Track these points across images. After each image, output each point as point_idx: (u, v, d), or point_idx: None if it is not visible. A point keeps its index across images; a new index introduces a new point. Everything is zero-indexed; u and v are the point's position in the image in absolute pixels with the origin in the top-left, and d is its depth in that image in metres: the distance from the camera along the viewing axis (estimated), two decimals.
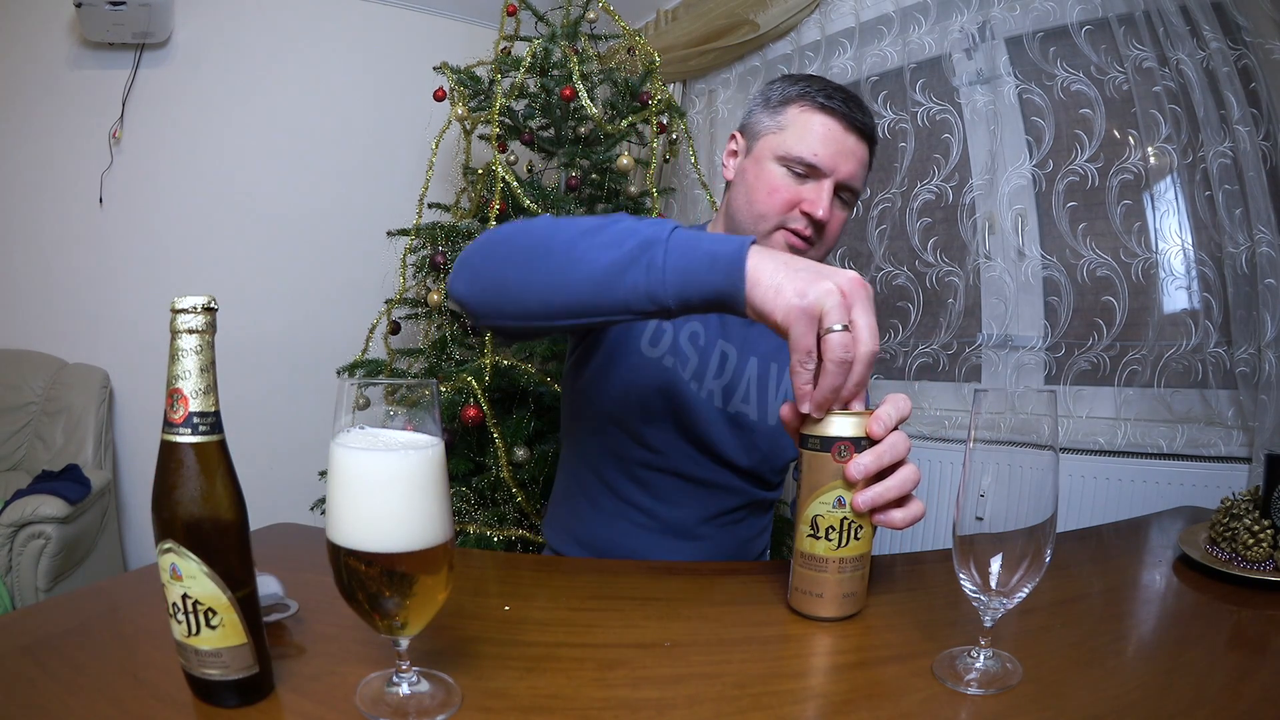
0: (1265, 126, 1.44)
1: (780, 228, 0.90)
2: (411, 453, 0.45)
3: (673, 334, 0.93)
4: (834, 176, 0.88)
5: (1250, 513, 0.81)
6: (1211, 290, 1.56)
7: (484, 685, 0.50)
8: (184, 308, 0.43)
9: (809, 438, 0.62)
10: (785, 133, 0.90)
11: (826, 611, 0.63)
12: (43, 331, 2.43)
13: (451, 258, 1.85)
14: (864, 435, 0.61)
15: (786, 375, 0.97)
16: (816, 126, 0.88)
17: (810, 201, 0.88)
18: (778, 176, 0.90)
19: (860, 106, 0.90)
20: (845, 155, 0.88)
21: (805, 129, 0.89)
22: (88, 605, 0.62)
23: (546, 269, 0.66)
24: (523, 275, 0.67)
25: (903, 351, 2.09)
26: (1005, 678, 0.52)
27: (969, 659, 0.54)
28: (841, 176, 0.89)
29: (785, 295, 0.57)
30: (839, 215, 0.92)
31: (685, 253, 0.61)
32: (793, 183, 0.89)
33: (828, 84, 0.91)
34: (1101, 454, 1.68)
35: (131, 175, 2.48)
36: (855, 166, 0.90)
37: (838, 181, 0.89)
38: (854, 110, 0.89)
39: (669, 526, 0.95)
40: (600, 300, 0.64)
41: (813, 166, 0.88)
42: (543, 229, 0.70)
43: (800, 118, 0.89)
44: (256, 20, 2.59)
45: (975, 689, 0.51)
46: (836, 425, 0.61)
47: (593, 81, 2.03)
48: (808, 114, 0.89)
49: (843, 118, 0.88)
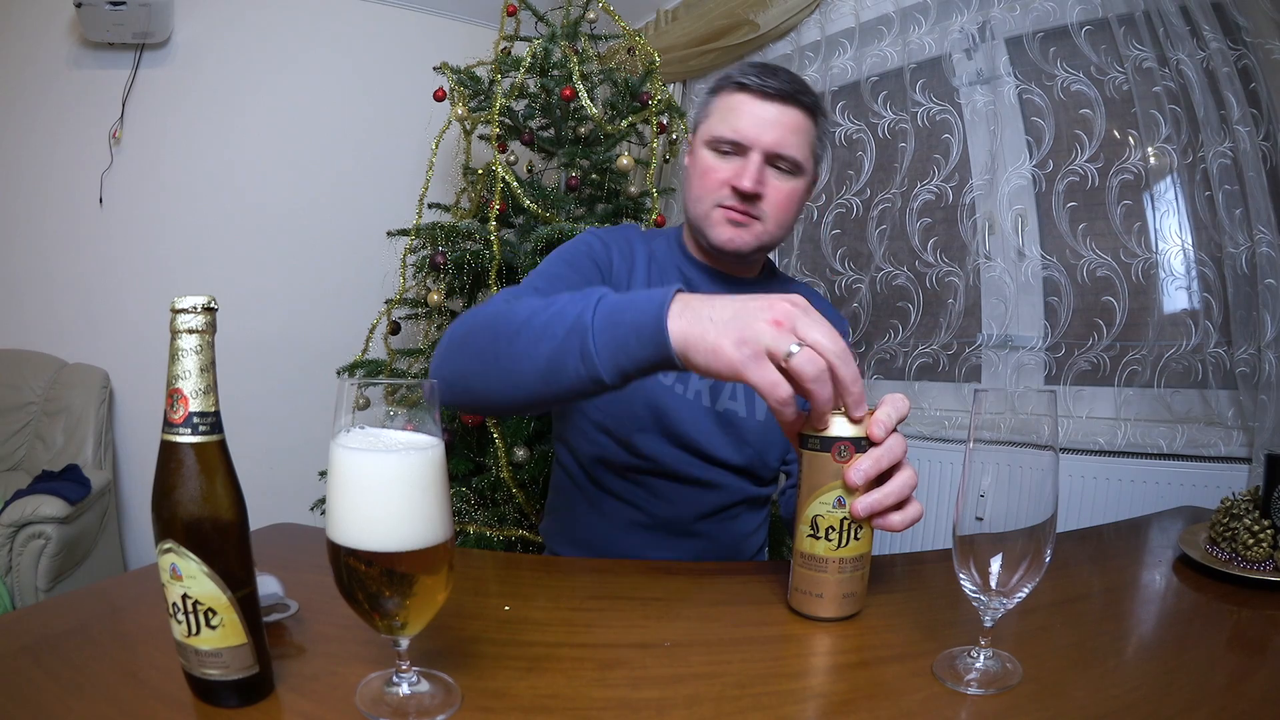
0: (1265, 126, 1.44)
1: (717, 206, 0.91)
2: (411, 453, 0.45)
3: None
4: (759, 148, 0.88)
5: (1250, 513, 0.81)
6: (1211, 290, 1.56)
7: (484, 685, 0.50)
8: (184, 308, 0.42)
9: (809, 438, 0.62)
10: (711, 118, 0.92)
11: (827, 611, 0.63)
12: (43, 331, 2.43)
13: (451, 258, 1.85)
14: (865, 435, 0.61)
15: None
16: (735, 104, 0.90)
17: (736, 174, 0.89)
18: (708, 159, 0.92)
19: (778, 74, 0.89)
20: (766, 125, 0.88)
21: (726, 110, 0.90)
22: (88, 605, 0.62)
23: (499, 371, 0.67)
24: (481, 379, 0.69)
25: (903, 351, 2.09)
26: (1005, 678, 0.52)
27: (969, 659, 0.54)
28: (767, 145, 0.88)
29: (725, 352, 0.55)
30: (779, 186, 0.91)
31: (611, 331, 0.60)
32: (722, 162, 0.91)
33: (749, 64, 0.92)
34: (1101, 454, 1.68)
35: (131, 175, 2.48)
36: (781, 133, 0.89)
37: (768, 152, 0.89)
38: (769, 79, 0.88)
39: (664, 525, 0.95)
40: (553, 391, 0.64)
41: (735, 142, 0.89)
42: (489, 326, 0.69)
43: (722, 102, 0.92)
44: (256, 20, 2.59)
45: (975, 689, 0.51)
46: (837, 425, 0.61)
47: (593, 81, 2.02)
48: (727, 96, 0.91)
49: (757, 90, 0.88)
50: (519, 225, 2.07)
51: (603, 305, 0.62)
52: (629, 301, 0.61)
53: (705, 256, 1.00)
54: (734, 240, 0.92)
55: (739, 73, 0.90)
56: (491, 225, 1.84)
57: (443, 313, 2.05)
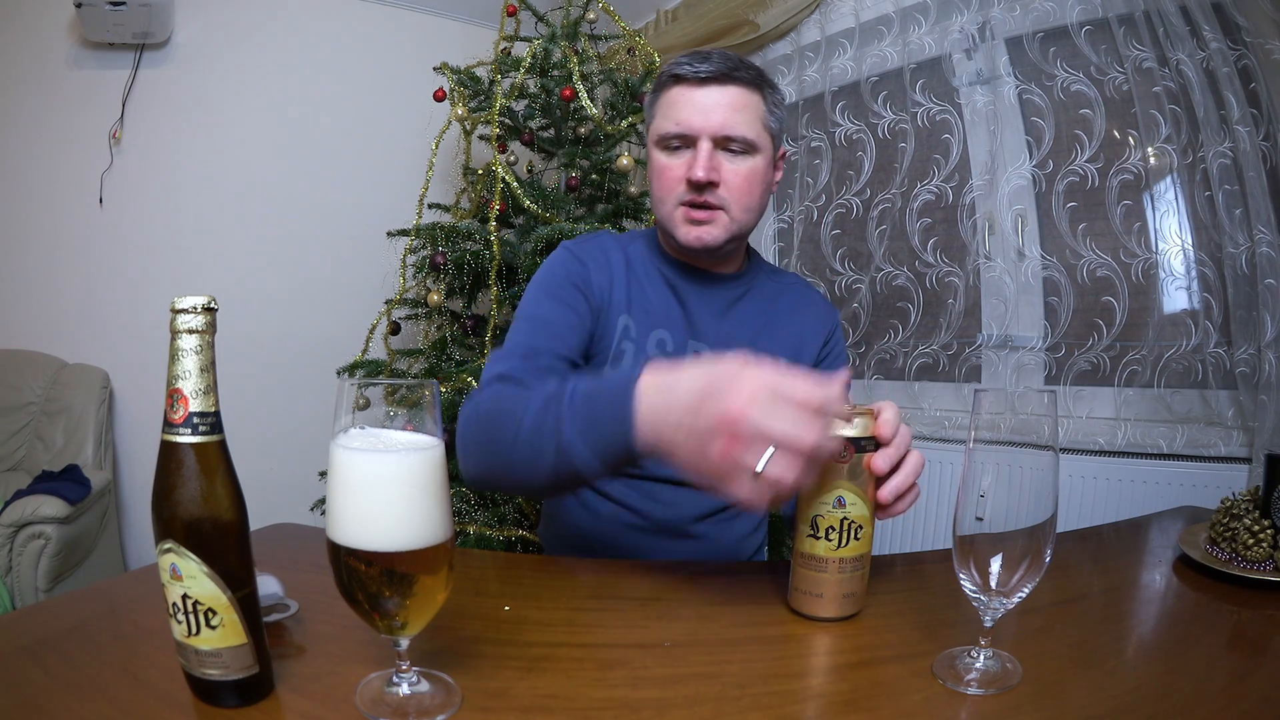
0: (1265, 126, 1.44)
1: (678, 205, 0.90)
2: (411, 453, 0.45)
3: (634, 351, 0.92)
4: (705, 134, 0.86)
5: (1250, 513, 0.81)
6: (1211, 290, 1.56)
7: (484, 685, 0.50)
8: (184, 308, 0.43)
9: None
10: (656, 119, 0.91)
11: (827, 611, 0.63)
12: (43, 331, 2.43)
13: (451, 258, 1.85)
14: (865, 435, 0.61)
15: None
16: (674, 98, 0.88)
17: (688, 166, 0.87)
18: (660, 159, 0.90)
19: (710, 57, 0.87)
20: (705, 110, 0.86)
21: (667, 106, 0.89)
22: (88, 605, 0.62)
23: (518, 478, 0.70)
24: (508, 483, 0.75)
25: (903, 351, 2.09)
26: (1005, 678, 0.52)
27: (969, 659, 0.54)
28: (714, 130, 0.86)
29: (697, 475, 0.56)
30: (736, 169, 0.88)
31: (592, 440, 0.61)
32: (673, 159, 0.89)
33: (683, 55, 0.90)
34: (1101, 454, 1.68)
35: (131, 175, 2.48)
36: (725, 114, 0.86)
37: (715, 136, 0.86)
38: (701, 64, 0.86)
39: (662, 526, 0.95)
40: (569, 486, 0.69)
41: (681, 135, 0.87)
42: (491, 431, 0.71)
43: (663, 99, 0.90)
44: (256, 20, 2.59)
45: (975, 689, 0.51)
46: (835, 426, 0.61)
47: (593, 82, 2.03)
48: (666, 92, 0.90)
49: (689, 78, 0.86)
50: (519, 225, 2.07)
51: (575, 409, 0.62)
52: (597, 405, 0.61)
53: (682, 255, 0.98)
54: (701, 237, 0.89)
55: (673, 65, 0.88)
56: (491, 225, 1.84)
57: (443, 313, 2.05)
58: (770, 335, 0.98)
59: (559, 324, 0.88)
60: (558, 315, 0.89)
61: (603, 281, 0.94)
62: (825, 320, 1.03)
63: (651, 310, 0.95)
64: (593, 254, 0.96)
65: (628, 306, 0.94)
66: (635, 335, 0.93)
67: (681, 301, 0.96)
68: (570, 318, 0.89)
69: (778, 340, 0.98)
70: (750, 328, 0.97)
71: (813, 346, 1.01)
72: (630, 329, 0.94)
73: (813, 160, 2.26)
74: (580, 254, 0.95)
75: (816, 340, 1.01)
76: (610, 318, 0.93)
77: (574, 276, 0.92)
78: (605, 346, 0.93)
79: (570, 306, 0.90)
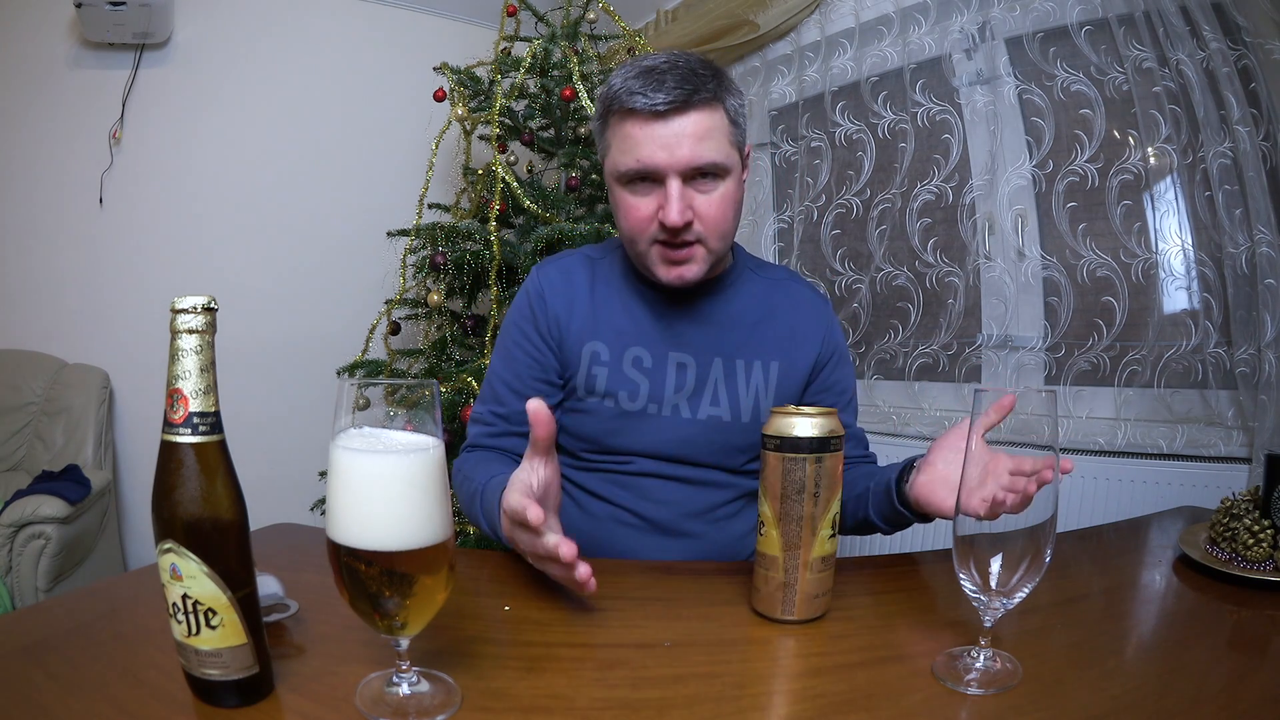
0: (1265, 126, 1.44)
1: (653, 243, 0.85)
2: (411, 453, 0.45)
3: (608, 373, 0.92)
4: (672, 171, 0.81)
5: (1250, 513, 0.81)
6: (1211, 290, 1.56)
7: (484, 685, 0.50)
8: (184, 308, 0.43)
9: (768, 438, 0.62)
10: (612, 151, 0.85)
11: (793, 614, 0.62)
12: (43, 331, 2.43)
13: (452, 258, 1.85)
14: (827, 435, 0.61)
15: (756, 369, 0.95)
16: (629, 132, 0.82)
17: (662, 209, 0.82)
18: (626, 197, 0.85)
19: (664, 81, 0.79)
20: (670, 144, 0.80)
21: (623, 140, 0.82)
22: (88, 605, 0.62)
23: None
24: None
25: (903, 351, 2.09)
26: (1005, 678, 0.52)
27: (969, 659, 0.54)
28: (681, 165, 0.80)
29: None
30: (709, 199, 0.83)
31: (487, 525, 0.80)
32: (640, 198, 0.84)
33: (627, 78, 0.81)
34: (1101, 454, 1.68)
35: (131, 175, 2.48)
36: (689, 147, 0.80)
37: (683, 170, 0.81)
38: (655, 91, 0.79)
39: (656, 525, 0.94)
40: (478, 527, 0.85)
41: (644, 175, 0.82)
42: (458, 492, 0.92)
43: (617, 131, 0.84)
44: (256, 20, 2.59)
45: (975, 689, 0.51)
46: (799, 426, 0.61)
47: (593, 82, 2.02)
48: (618, 124, 0.83)
49: (646, 112, 0.79)
50: (519, 225, 2.07)
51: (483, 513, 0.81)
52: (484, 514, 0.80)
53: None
54: (682, 275, 0.86)
55: (624, 93, 0.81)
56: (491, 225, 1.84)
57: (443, 313, 2.05)
58: (760, 334, 0.96)
59: (525, 375, 0.94)
60: (515, 366, 0.95)
61: (560, 311, 0.94)
62: (819, 316, 1.00)
63: (623, 330, 0.93)
64: (553, 280, 0.96)
65: (594, 331, 0.93)
66: (608, 359, 0.92)
67: (658, 315, 0.94)
68: (526, 362, 0.94)
69: (768, 339, 0.96)
70: (739, 329, 0.96)
71: (808, 349, 0.98)
72: (601, 354, 0.93)
73: (813, 160, 2.25)
74: (541, 284, 0.96)
75: (813, 335, 0.99)
76: (573, 347, 0.93)
77: (526, 319, 0.95)
78: (575, 374, 0.93)
79: (526, 352, 0.94)
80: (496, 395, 0.96)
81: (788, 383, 0.96)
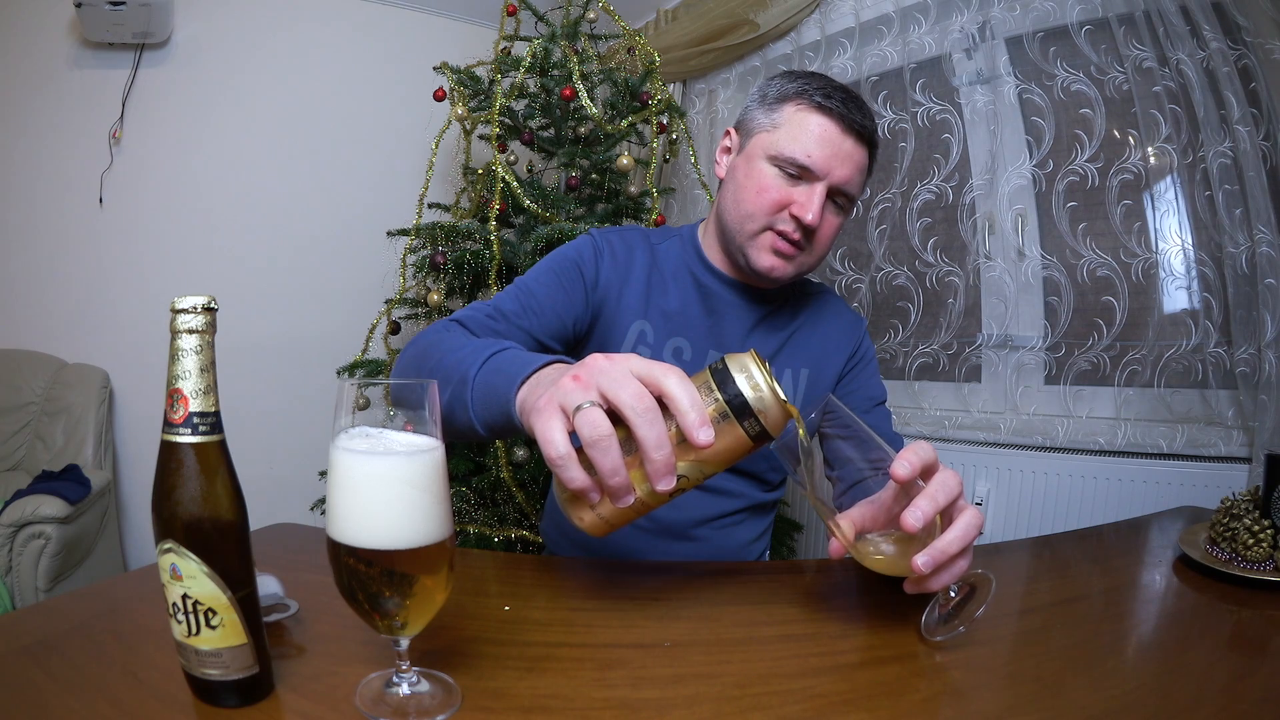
0: (1265, 126, 1.44)
1: (768, 229, 0.87)
2: (411, 454, 0.45)
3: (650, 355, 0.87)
4: (827, 180, 0.84)
5: (1250, 513, 0.81)
6: (1211, 290, 1.56)
7: (484, 685, 0.50)
8: (184, 308, 0.42)
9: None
10: (779, 131, 0.86)
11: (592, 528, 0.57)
12: (43, 331, 2.43)
13: (451, 258, 1.85)
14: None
15: (786, 377, 0.96)
16: (812, 127, 0.84)
17: (800, 204, 0.84)
18: (768, 176, 0.86)
19: (861, 108, 0.86)
20: (841, 158, 0.84)
21: (800, 128, 0.84)
22: (88, 605, 0.62)
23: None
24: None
25: (903, 351, 2.09)
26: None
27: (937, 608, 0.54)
28: (835, 180, 0.85)
29: (529, 407, 0.54)
30: (831, 221, 0.88)
31: (484, 391, 0.62)
32: (784, 183, 0.86)
33: (828, 83, 0.86)
34: (1101, 454, 1.68)
35: (131, 175, 2.48)
36: (851, 171, 0.85)
37: (831, 185, 0.85)
38: (853, 111, 0.84)
39: (665, 529, 0.94)
40: (454, 431, 0.66)
41: (805, 168, 0.84)
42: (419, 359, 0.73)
43: (796, 116, 0.85)
44: (256, 20, 2.59)
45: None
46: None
47: (593, 81, 2.02)
48: (804, 113, 0.85)
49: (840, 119, 0.84)
50: (519, 225, 2.07)
51: (490, 363, 0.64)
52: (509, 362, 0.62)
53: (731, 268, 0.95)
54: (776, 269, 0.88)
55: (820, 92, 0.84)
56: (491, 225, 1.84)
57: (443, 312, 2.05)
58: (795, 341, 0.98)
59: (544, 300, 0.87)
60: (547, 293, 0.88)
61: (613, 278, 0.92)
62: (851, 330, 1.02)
63: (672, 315, 0.93)
64: (615, 247, 0.94)
65: (644, 310, 0.92)
66: (652, 342, 0.92)
67: (712, 309, 0.94)
68: (559, 298, 0.88)
69: (800, 346, 0.98)
70: (774, 340, 0.97)
71: (837, 359, 1.00)
72: (647, 335, 0.92)
73: None
74: (602, 244, 0.94)
75: (841, 352, 1.00)
76: (619, 320, 0.91)
77: (584, 264, 0.91)
78: (615, 349, 0.90)
79: (564, 289, 0.88)
80: (512, 295, 0.88)
81: (814, 391, 0.98)
